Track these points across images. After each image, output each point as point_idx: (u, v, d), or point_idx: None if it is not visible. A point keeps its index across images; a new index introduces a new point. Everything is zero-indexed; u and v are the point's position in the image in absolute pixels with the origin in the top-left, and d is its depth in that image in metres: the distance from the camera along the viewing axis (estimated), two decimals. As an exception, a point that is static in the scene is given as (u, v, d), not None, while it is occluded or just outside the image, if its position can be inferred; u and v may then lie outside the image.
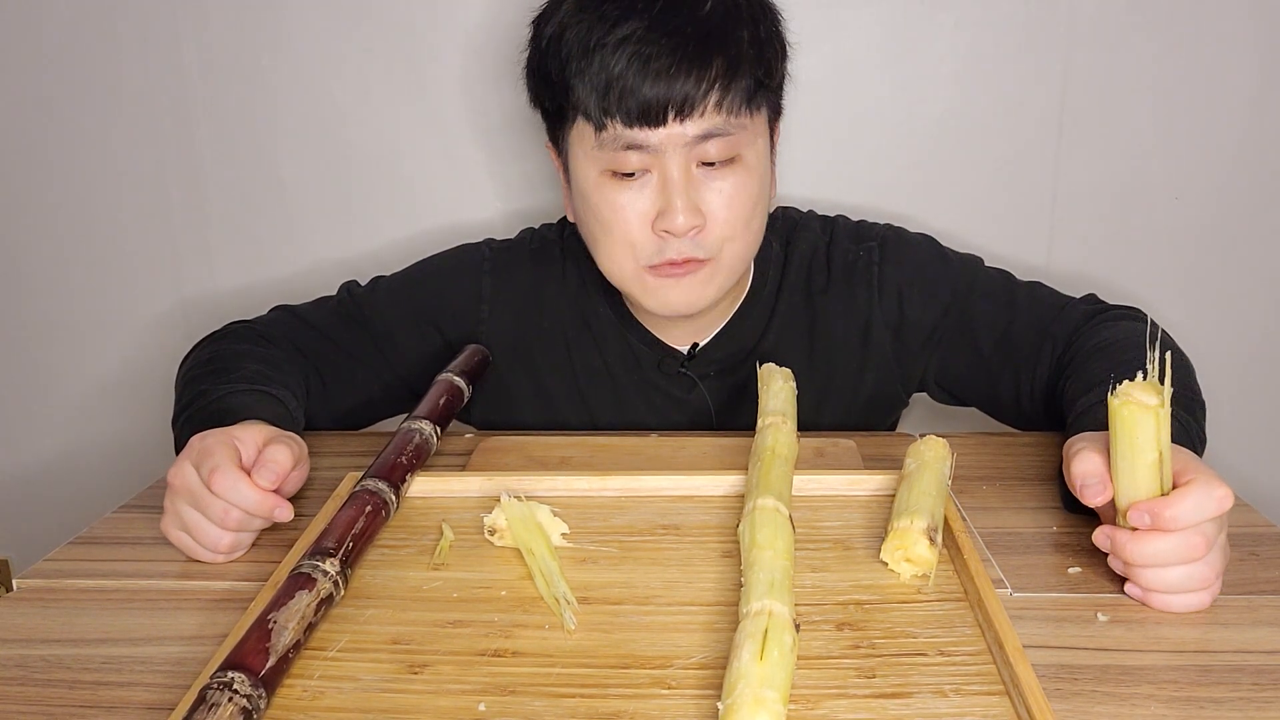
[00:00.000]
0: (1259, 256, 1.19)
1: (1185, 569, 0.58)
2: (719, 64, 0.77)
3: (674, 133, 0.78)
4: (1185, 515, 0.56)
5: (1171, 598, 0.58)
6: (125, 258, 1.25)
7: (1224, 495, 0.57)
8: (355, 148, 1.20)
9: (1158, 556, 0.57)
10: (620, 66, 0.76)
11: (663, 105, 0.77)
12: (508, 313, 0.96)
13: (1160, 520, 0.57)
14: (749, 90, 0.80)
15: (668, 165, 0.79)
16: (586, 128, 0.80)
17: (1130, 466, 0.58)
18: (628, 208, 0.81)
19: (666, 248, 0.82)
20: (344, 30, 1.16)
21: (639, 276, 0.84)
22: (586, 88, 0.78)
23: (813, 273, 0.94)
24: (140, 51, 1.17)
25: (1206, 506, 0.56)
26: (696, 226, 0.80)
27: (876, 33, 1.14)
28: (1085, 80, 1.14)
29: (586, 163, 0.82)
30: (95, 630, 0.60)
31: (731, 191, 0.81)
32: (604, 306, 0.95)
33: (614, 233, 0.82)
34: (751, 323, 0.94)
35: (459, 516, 0.70)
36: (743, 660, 0.47)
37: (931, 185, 1.18)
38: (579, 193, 0.85)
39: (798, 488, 0.70)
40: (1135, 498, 0.58)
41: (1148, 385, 0.58)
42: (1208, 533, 0.57)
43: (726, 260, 0.84)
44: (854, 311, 0.93)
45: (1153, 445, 0.57)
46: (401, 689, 0.52)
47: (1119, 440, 0.58)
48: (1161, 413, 0.57)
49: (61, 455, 1.34)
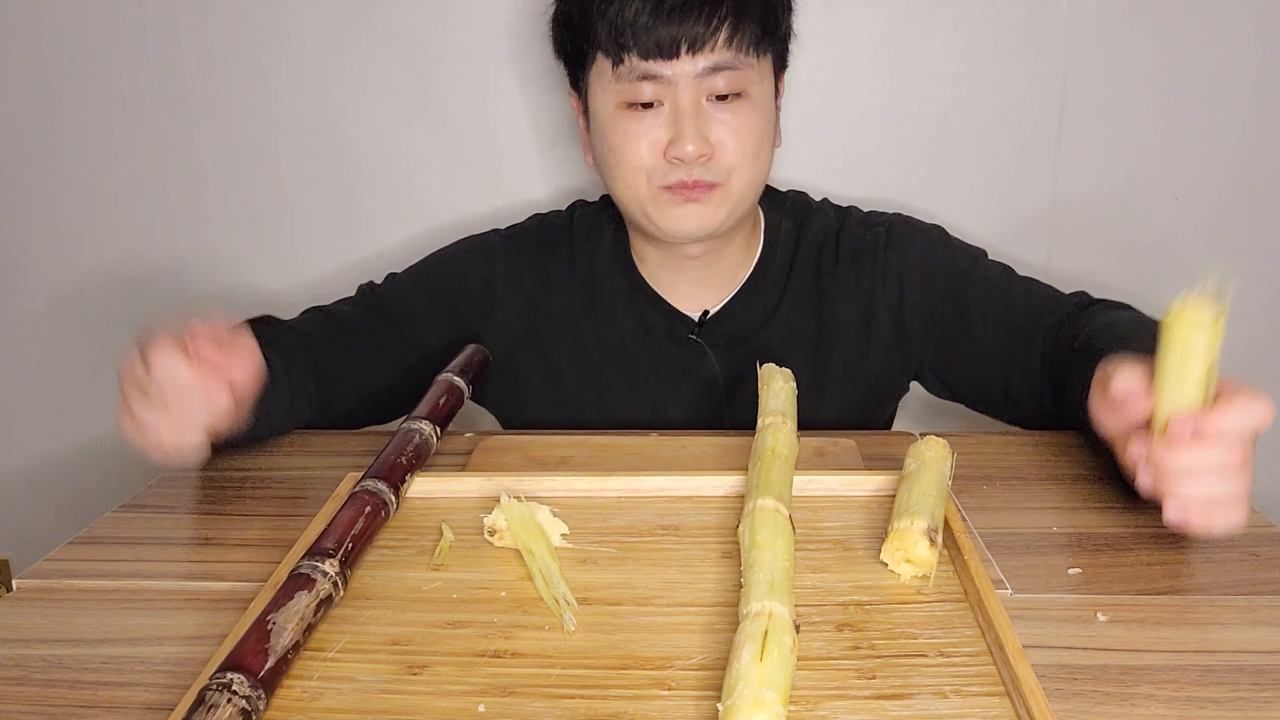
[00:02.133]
0: (1259, 256, 1.19)
1: (1221, 484, 0.57)
2: (728, 5, 0.83)
3: (685, 65, 0.84)
4: (1230, 425, 0.56)
5: (1213, 514, 0.57)
6: (125, 258, 1.25)
7: (1268, 409, 0.56)
8: (355, 147, 1.20)
9: (1195, 464, 0.56)
10: (637, 6, 0.83)
11: (675, 40, 0.83)
12: (519, 295, 1.00)
13: (1203, 429, 0.56)
14: (755, 34, 0.85)
15: (679, 96, 0.85)
16: (605, 63, 0.86)
17: (1179, 377, 0.57)
18: (642, 136, 0.86)
19: (677, 171, 0.86)
20: (344, 30, 1.16)
21: (653, 196, 0.88)
22: (606, 26, 0.84)
23: (823, 255, 0.98)
24: (140, 51, 1.18)
25: (1250, 418, 0.56)
26: (705, 155, 0.85)
27: (876, 33, 1.14)
28: (1085, 80, 1.14)
29: (604, 96, 0.88)
30: (95, 630, 0.60)
31: (739, 124, 0.86)
32: (618, 275, 0.99)
33: (627, 159, 0.87)
34: (761, 296, 0.98)
35: (458, 517, 0.70)
36: (742, 661, 0.47)
37: (931, 185, 1.18)
38: (597, 126, 0.90)
39: (798, 488, 0.70)
40: (1180, 409, 0.57)
41: (1204, 302, 0.57)
42: (1246, 447, 0.56)
43: (735, 187, 0.88)
44: (858, 293, 0.96)
45: (1204, 360, 0.56)
46: (401, 690, 0.52)
47: (1171, 350, 0.57)
48: (1217, 330, 0.56)
49: (61, 455, 1.34)
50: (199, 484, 0.81)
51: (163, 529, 0.73)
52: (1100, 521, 0.71)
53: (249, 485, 0.80)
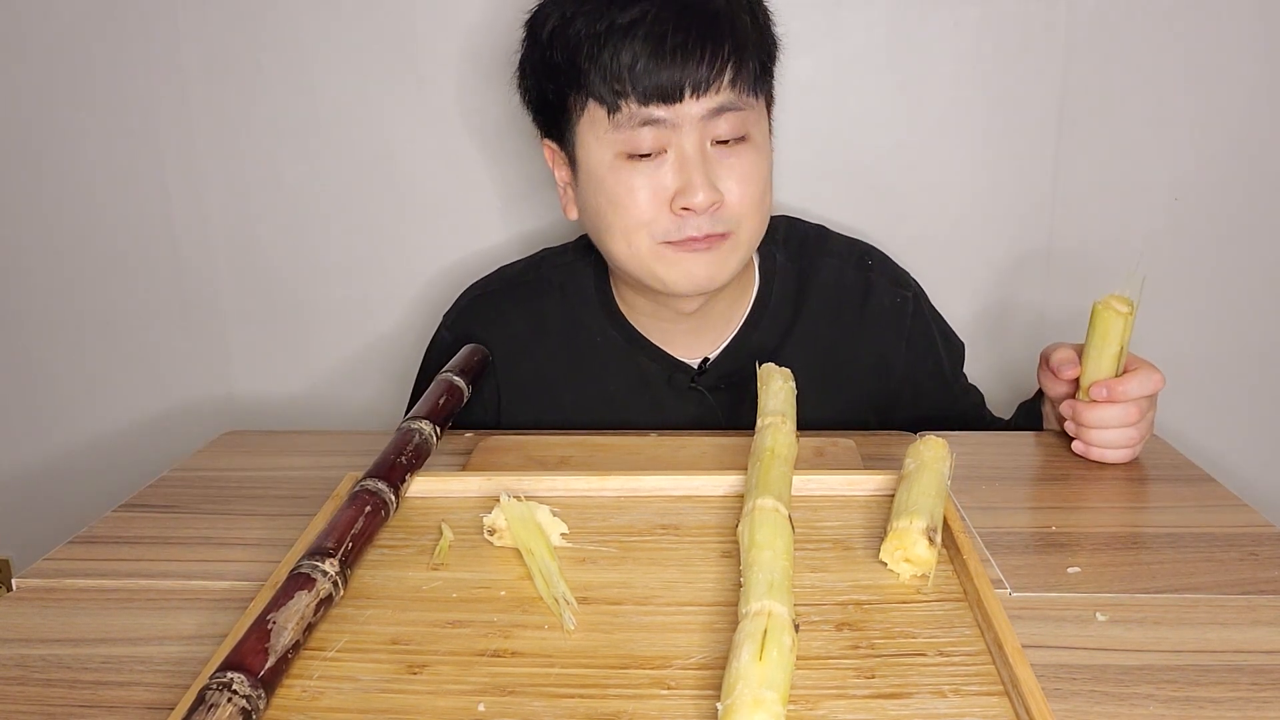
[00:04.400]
0: (1259, 256, 1.19)
1: (1121, 431, 0.79)
2: (730, 45, 0.80)
3: (689, 108, 0.80)
4: (1131, 390, 0.78)
5: (1107, 451, 0.80)
6: (125, 257, 1.25)
7: (1160, 378, 0.78)
8: (355, 148, 1.20)
9: (1104, 420, 0.79)
10: (635, 49, 0.78)
11: (679, 84, 0.79)
12: (500, 358, 0.96)
13: (1113, 393, 0.78)
14: (755, 72, 0.83)
15: (683, 142, 0.81)
16: (599, 112, 0.81)
17: (1099, 354, 0.78)
18: (643, 188, 0.82)
19: (685, 225, 0.82)
20: (344, 30, 1.16)
21: (657, 252, 0.84)
22: (600, 72, 0.80)
23: (845, 304, 0.97)
24: (140, 51, 1.17)
25: (1147, 385, 0.78)
26: (716, 203, 0.82)
27: (876, 33, 1.14)
28: (1085, 80, 1.14)
29: (599, 147, 0.83)
30: (95, 630, 0.60)
31: (744, 169, 0.83)
32: (609, 329, 0.95)
33: (628, 213, 0.83)
34: (761, 335, 0.95)
35: (458, 516, 0.70)
36: (742, 660, 0.47)
37: (931, 185, 1.18)
38: (590, 179, 0.85)
39: (797, 488, 0.70)
40: (1098, 378, 0.79)
41: (1122, 298, 0.78)
42: (1143, 406, 0.79)
43: (744, 236, 0.85)
44: (881, 351, 0.97)
45: (1118, 340, 0.77)
46: (401, 689, 0.52)
47: (1094, 333, 0.78)
48: (1129, 318, 0.77)
49: (61, 455, 1.34)
50: (199, 484, 0.81)
51: (163, 529, 0.73)
52: (1100, 521, 0.71)
53: (249, 485, 0.80)
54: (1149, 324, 1.16)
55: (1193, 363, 1.22)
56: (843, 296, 0.97)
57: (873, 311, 0.97)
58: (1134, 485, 0.77)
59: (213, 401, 1.29)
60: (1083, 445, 0.81)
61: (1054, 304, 1.21)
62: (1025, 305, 1.22)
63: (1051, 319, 1.21)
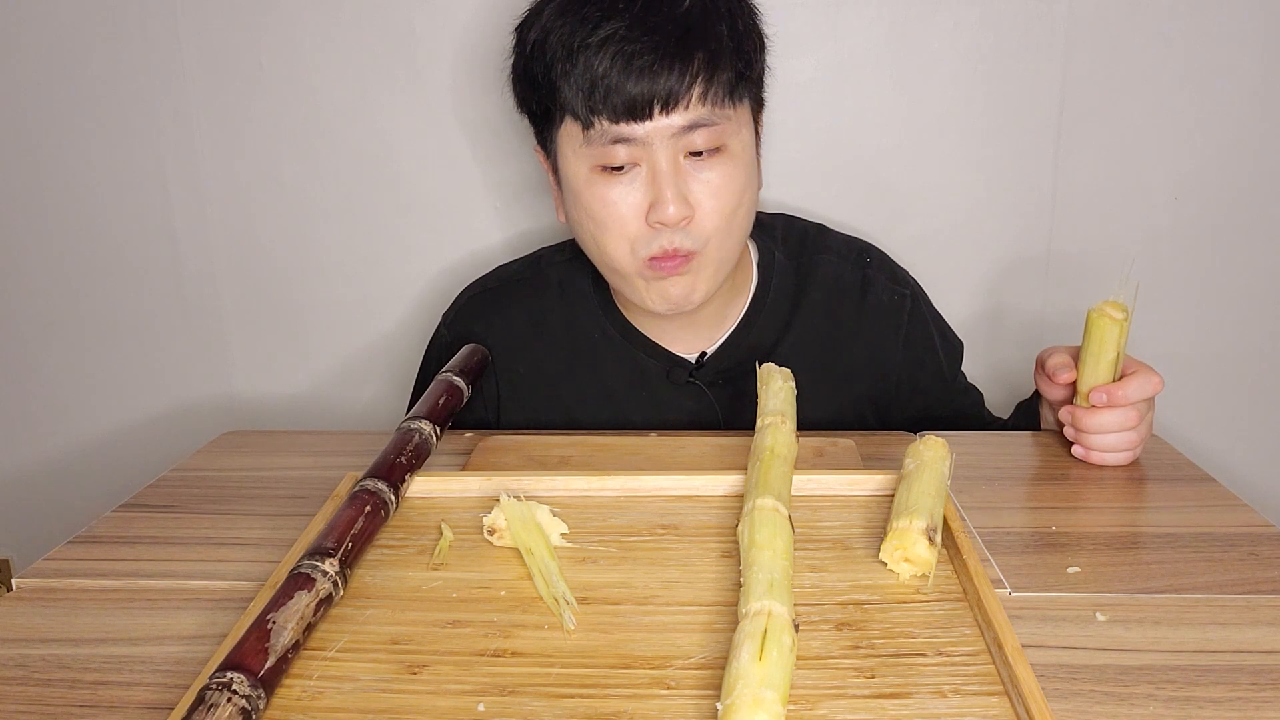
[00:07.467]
0: (1259, 256, 1.19)
1: (1121, 435, 0.79)
2: (700, 58, 0.79)
3: (660, 125, 0.79)
4: (1130, 394, 0.78)
5: (1106, 455, 0.80)
6: (125, 258, 1.25)
7: (1158, 381, 0.78)
8: (355, 148, 1.20)
9: (1104, 425, 0.78)
10: (604, 65, 0.78)
11: (648, 100, 0.78)
12: (498, 354, 0.97)
13: (1113, 398, 0.78)
14: (730, 82, 0.81)
15: (656, 157, 0.80)
16: (574, 126, 0.82)
17: (1095, 360, 0.78)
18: (620, 202, 0.82)
19: (659, 237, 0.83)
20: (344, 30, 1.16)
21: (639, 271, 0.85)
22: (573, 88, 0.80)
23: (843, 301, 0.97)
24: (140, 52, 1.18)
25: (1146, 388, 0.78)
26: (687, 217, 0.82)
27: (876, 33, 1.14)
28: (1085, 80, 1.14)
29: (576, 160, 0.83)
30: (95, 630, 0.60)
31: (719, 181, 0.82)
32: (606, 325, 0.96)
33: (610, 228, 0.83)
34: (759, 331, 0.95)
35: (458, 516, 0.70)
36: (742, 660, 0.47)
37: (931, 185, 1.18)
38: (570, 191, 0.86)
39: (797, 488, 0.70)
40: (1096, 384, 0.79)
41: (1116, 304, 0.77)
42: (1141, 409, 0.79)
43: (713, 253, 0.84)
44: (879, 348, 0.97)
45: (1114, 346, 0.77)
46: (401, 689, 0.52)
47: (1090, 340, 0.78)
48: (1125, 324, 0.77)
49: (61, 455, 1.34)
50: (199, 484, 0.81)
51: (163, 529, 0.73)
52: (1099, 521, 0.71)
53: (249, 485, 0.80)
54: (1149, 324, 1.17)
55: (1192, 363, 1.22)
56: (841, 293, 0.97)
57: (871, 309, 0.97)
58: (1133, 485, 0.77)
59: (213, 402, 1.29)
60: (1083, 450, 0.80)
61: (1053, 304, 1.21)
62: (1024, 305, 1.22)
63: (1050, 319, 1.21)
